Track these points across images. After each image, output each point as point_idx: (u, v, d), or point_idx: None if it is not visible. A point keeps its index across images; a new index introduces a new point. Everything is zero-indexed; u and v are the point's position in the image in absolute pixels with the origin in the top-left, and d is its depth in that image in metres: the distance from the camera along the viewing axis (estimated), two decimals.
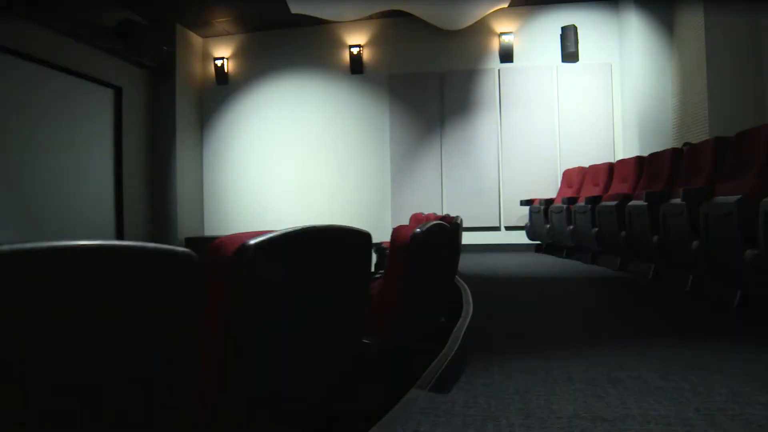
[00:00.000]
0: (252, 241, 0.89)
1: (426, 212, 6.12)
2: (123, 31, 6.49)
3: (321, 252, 1.10)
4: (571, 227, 5.54)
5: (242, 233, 0.96)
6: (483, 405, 1.51)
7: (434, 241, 1.89)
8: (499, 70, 7.32)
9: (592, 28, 7.15)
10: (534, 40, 7.31)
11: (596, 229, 4.93)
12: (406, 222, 6.15)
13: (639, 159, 5.22)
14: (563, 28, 7.11)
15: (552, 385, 1.68)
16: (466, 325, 2.53)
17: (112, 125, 6.65)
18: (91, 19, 6.12)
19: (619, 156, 6.81)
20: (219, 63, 7.95)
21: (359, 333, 1.37)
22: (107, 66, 6.55)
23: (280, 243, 0.95)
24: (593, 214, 5.00)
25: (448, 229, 2.28)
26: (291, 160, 7.81)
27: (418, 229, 1.67)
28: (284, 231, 0.97)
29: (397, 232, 1.69)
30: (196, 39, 7.95)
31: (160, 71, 7.35)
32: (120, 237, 6.67)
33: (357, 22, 7.58)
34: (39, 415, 0.56)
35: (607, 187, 5.71)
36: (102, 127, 6.47)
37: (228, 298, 0.89)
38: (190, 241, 7.21)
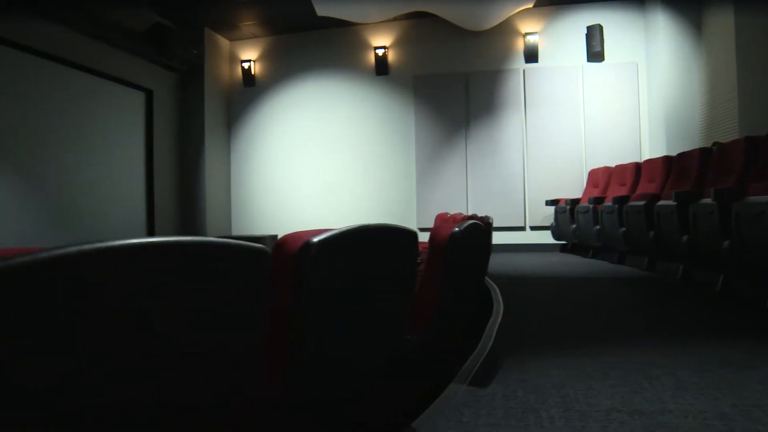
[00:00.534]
0: (315, 239, 0.96)
1: (451, 212, 6.15)
2: (154, 36, 6.64)
3: (373, 249, 1.17)
4: (598, 227, 5.54)
5: (303, 231, 1.03)
6: (522, 398, 1.56)
7: (470, 240, 1.95)
8: (524, 71, 7.32)
9: (617, 27, 7.11)
10: (559, 40, 7.30)
11: (623, 229, 4.92)
12: (431, 223, 6.20)
13: (666, 159, 5.20)
14: (589, 28, 7.09)
15: (587, 380, 1.72)
16: (498, 322, 2.58)
17: (144, 127, 6.82)
18: (124, 25, 6.29)
19: (646, 156, 6.77)
20: (246, 65, 8.09)
21: (404, 328, 1.43)
22: (139, 70, 6.72)
23: (338, 241, 1.01)
24: (620, 214, 4.99)
25: (483, 228, 2.33)
26: (316, 161, 7.90)
27: (456, 229, 1.73)
28: (342, 229, 1.03)
29: (435, 231, 1.75)
30: (223, 42, 8.09)
31: (189, 74, 7.51)
32: (151, 234, 6.79)
33: (382, 24, 7.65)
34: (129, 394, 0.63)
35: (634, 187, 5.69)
36: (134, 129, 6.64)
37: (293, 290, 0.96)
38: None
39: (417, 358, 1.68)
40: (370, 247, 1.15)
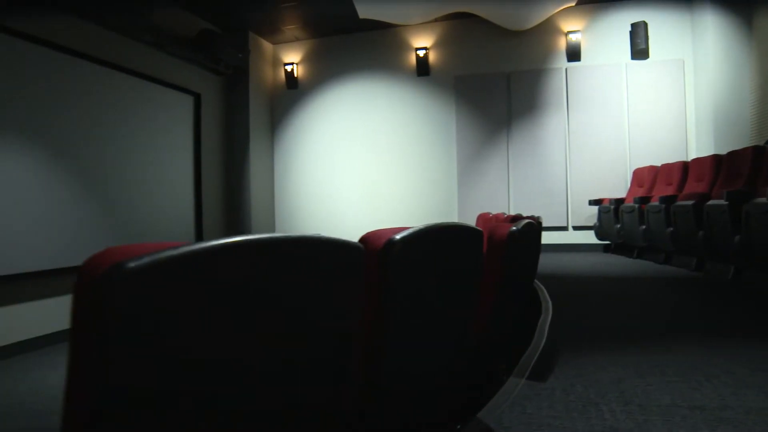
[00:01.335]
0: (398, 236, 1.04)
1: (493, 212, 6.16)
2: (202, 41, 6.86)
3: (446, 247, 1.24)
4: (644, 227, 5.48)
5: (384, 229, 1.11)
6: (581, 392, 1.60)
7: (526, 239, 2.00)
8: (566, 69, 7.27)
9: (662, 24, 6.99)
10: (602, 38, 7.22)
11: (671, 229, 4.86)
12: (472, 223, 6.22)
13: (716, 157, 5.11)
14: (633, 25, 6.99)
15: (644, 376, 1.75)
16: (548, 320, 2.62)
17: (192, 130, 7.04)
18: (174, 31, 6.52)
19: (692, 155, 6.64)
20: (289, 68, 8.26)
21: (470, 325, 1.50)
22: (188, 74, 6.95)
23: (418, 238, 1.09)
24: (668, 213, 4.93)
25: (536, 228, 2.37)
26: (358, 162, 8.01)
27: (514, 228, 1.78)
28: (421, 227, 1.10)
29: (493, 230, 1.80)
30: (267, 46, 8.28)
31: (235, 77, 7.71)
32: (199, 236, 7.05)
33: (423, 25, 7.71)
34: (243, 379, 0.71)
35: (681, 187, 5.60)
36: (183, 132, 6.87)
37: (376, 285, 1.03)
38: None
39: (475, 355, 1.75)
40: (443, 244, 1.22)
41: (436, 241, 1.19)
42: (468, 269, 1.41)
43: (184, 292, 0.59)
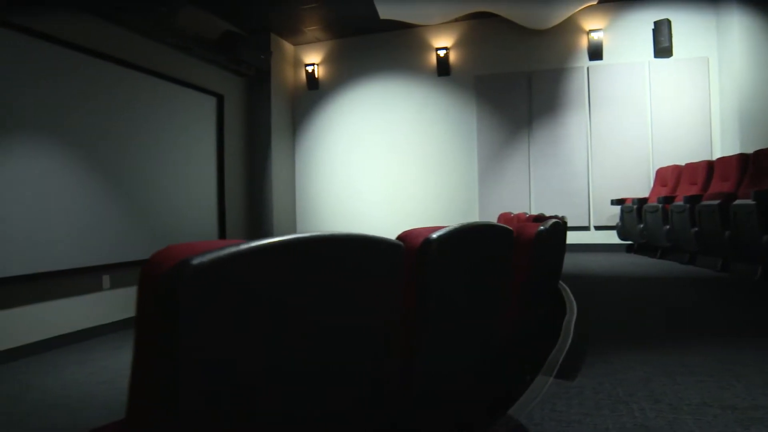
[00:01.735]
0: (434, 235, 1.06)
1: (514, 212, 6.15)
2: (225, 43, 6.95)
3: (479, 246, 1.26)
4: (668, 227, 5.42)
5: (419, 228, 1.13)
6: (610, 391, 1.61)
7: (552, 239, 2.01)
8: (588, 68, 7.22)
9: (686, 21, 6.91)
10: (624, 37, 7.16)
11: (696, 229, 4.81)
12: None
13: (742, 156, 5.04)
14: (656, 23, 6.92)
15: (672, 376, 1.75)
16: (573, 320, 2.62)
17: (215, 130, 7.14)
18: (198, 33, 6.61)
19: (717, 154, 6.55)
20: (310, 69, 8.32)
21: (500, 321, 1.51)
22: (211, 75, 7.05)
23: (453, 237, 1.11)
24: (692, 213, 4.88)
25: (562, 228, 2.38)
26: (379, 162, 8.04)
27: (541, 227, 1.79)
28: (456, 226, 1.13)
29: (520, 229, 1.82)
30: (288, 47, 8.36)
31: (256, 78, 7.80)
32: (222, 234, 7.14)
33: (443, 25, 7.72)
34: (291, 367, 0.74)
35: (705, 186, 5.54)
36: (207, 133, 6.97)
37: (413, 283, 1.06)
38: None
39: (502, 354, 1.76)
40: (476, 243, 1.24)
41: (470, 240, 1.21)
42: (498, 268, 1.43)
43: (244, 285, 0.62)
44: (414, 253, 1.05)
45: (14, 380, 3.82)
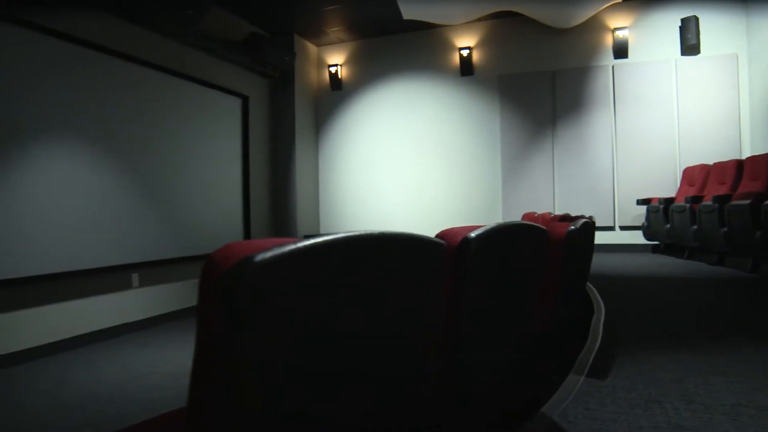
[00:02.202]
0: (473, 234, 1.08)
1: (538, 212, 6.12)
2: (250, 45, 7.04)
3: (514, 245, 1.27)
4: (695, 227, 5.35)
5: (457, 227, 1.15)
6: (642, 390, 1.61)
7: (582, 238, 2.01)
8: (612, 67, 7.15)
9: (714, 18, 6.80)
10: (650, 34, 7.07)
11: (725, 229, 4.74)
12: None
13: None
14: (683, 20, 6.82)
15: (705, 376, 1.74)
16: (602, 320, 2.61)
17: (240, 131, 7.23)
18: (223, 36, 6.71)
19: (746, 153, 6.44)
20: (333, 70, 8.38)
21: (532, 322, 1.53)
22: (237, 77, 7.15)
23: (490, 236, 1.13)
24: (721, 213, 4.81)
25: (591, 227, 2.37)
26: (401, 162, 8.07)
27: (572, 227, 1.80)
28: (493, 225, 1.14)
29: (550, 228, 1.82)
30: (311, 48, 8.42)
31: (280, 80, 7.88)
32: (247, 233, 7.23)
33: (466, 25, 7.71)
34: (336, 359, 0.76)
35: (735, 186, 5.46)
36: (232, 133, 7.06)
37: (453, 281, 1.08)
38: (308, 237, 7.66)
39: (533, 353, 1.77)
40: (512, 243, 1.26)
41: (506, 240, 1.23)
42: (532, 268, 1.45)
43: (302, 281, 0.65)
44: (452, 252, 1.08)
45: (50, 375, 3.93)
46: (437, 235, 1.12)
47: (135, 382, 3.76)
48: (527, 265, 1.41)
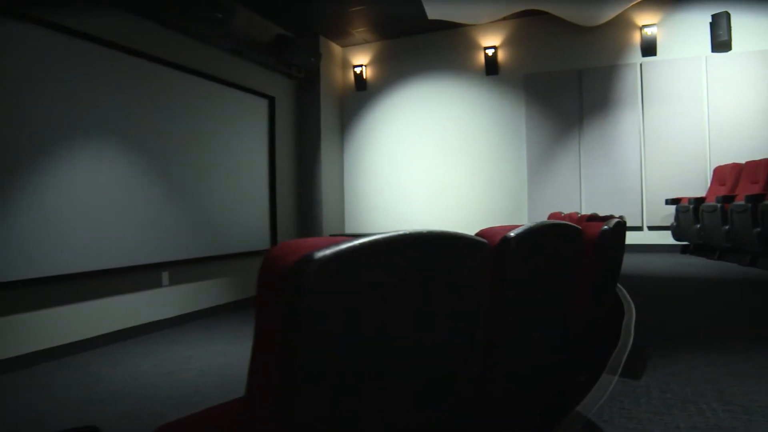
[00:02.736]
0: (512, 234, 1.10)
1: (565, 212, 6.08)
2: (277, 47, 7.11)
3: (552, 244, 1.29)
4: (727, 227, 5.26)
5: (496, 227, 1.17)
6: (678, 391, 1.61)
7: (615, 239, 2.00)
8: (640, 65, 7.06)
9: (747, 13, 6.66)
10: (680, 31, 6.96)
11: (758, 229, 4.66)
12: None
13: None
14: (714, 16, 6.70)
15: (742, 377, 1.73)
16: (633, 320, 2.60)
17: (267, 132, 7.32)
18: (251, 38, 6.80)
19: None
20: (358, 70, 8.42)
21: (569, 321, 1.53)
22: (263, 78, 7.24)
23: (528, 235, 1.14)
24: (754, 213, 4.73)
25: (623, 227, 2.36)
26: (426, 162, 8.07)
27: (605, 227, 1.80)
28: (531, 225, 1.16)
29: (585, 227, 1.83)
30: (336, 49, 8.48)
31: (306, 81, 7.95)
32: (273, 232, 7.31)
33: (491, 24, 7.68)
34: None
35: None
36: (259, 134, 7.15)
37: (495, 278, 1.10)
38: (334, 237, 7.72)
39: (570, 352, 1.77)
40: (549, 242, 1.27)
41: (544, 239, 1.24)
42: (567, 268, 1.45)
43: (357, 277, 0.68)
44: (493, 250, 1.09)
45: (86, 371, 4.04)
46: (479, 233, 1.14)
47: (167, 378, 3.84)
48: (563, 264, 1.42)
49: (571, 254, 1.44)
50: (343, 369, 0.70)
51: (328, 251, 0.64)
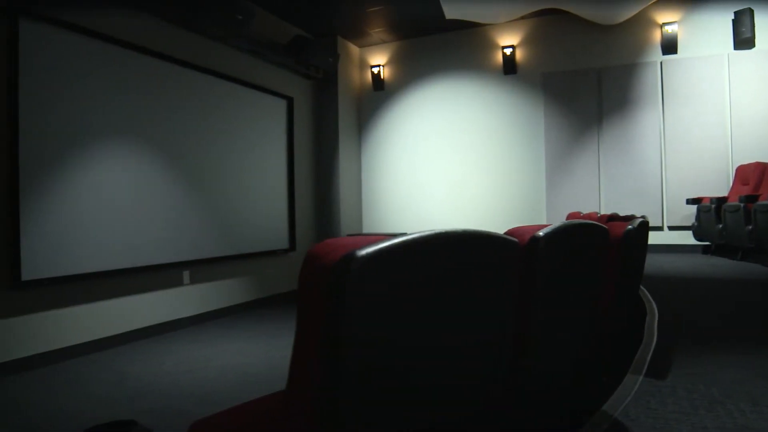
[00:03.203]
0: (542, 233, 1.11)
1: (584, 212, 6.05)
2: (295, 47, 7.16)
3: (578, 244, 1.29)
4: (750, 227, 5.20)
5: (524, 226, 1.18)
6: (704, 391, 1.60)
7: (638, 239, 2.00)
8: (661, 63, 6.99)
9: None
10: (701, 29, 6.88)
11: None
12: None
13: None
14: (736, 13, 6.61)
15: None
16: (656, 320, 2.58)
17: (285, 132, 7.37)
18: (270, 39, 6.86)
19: None
20: (375, 70, 8.44)
21: (594, 320, 1.54)
22: (281, 79, 7.29)
23: (558, 234, 1.15)
24: None
25: (647, 227, 2.36)
26: (444, 161, 8.07)
27: (630, 226, 1.80)
28: (559, 225, 1.17)
29: (609, 227, 1.82)
30: (354, 49, 8.51)
31: (324, 81, 7.99)
32: (292, 233, 7.36)
33: (509, 23, 7.66)
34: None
35: None
36: (278, 134, 7.21)
37: (525, 276, 1.11)
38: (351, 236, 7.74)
39: (595, 351, 1.78)
40: (576, 242, 1.28)
41: (571, 238, 1.25)
42: (593, 267, 1.46)
43: (396, 273, 0.70)
44: (523, 249, 1.10)
45: (111, 368, 4.11)
46: (508, 232, 1.16)
47: (189, 376, 3.89)
48: (589, 264, 1.42)
49: (596, 254, 1.45)
50: (382, 364, 0.71)
51: (369, 249, 0.66)
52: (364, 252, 0.65)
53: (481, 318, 0.91)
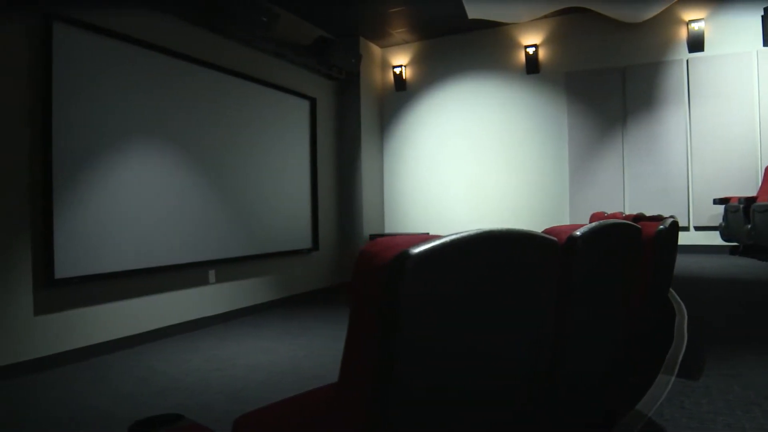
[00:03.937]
0: (578, 233, 1.12)
1: (608, 212, 5.99)
2: (318, 48, 7.22)
3: (614, 244, 1.30)
4: None
5: (560, 226, 1.19)
6: (740, 392, 1.60)
7: (669, 238, 1.99)
8: (687, 61, 6.90)
9: None
10: (729, 26, 6.77)
11: None
12: (584, 222, 6.06)
13: None
14: (766, 9, 6.49)
15: None
16: (685, 321, 2.57)
17: (309, 132, 7.43)
18: (293, 40, 6.93)
19: None
20: (397, 71, 8.47)
21: (627, 319, 1.54)
22: (304, 80, 7.36)
23: (594, 234, 1.16)
24: None
25: (677, 227, 2.34)
26: (466, 161, 8.06)
27: (661, 226, 1.79)
28: (595, 224, 1.18)
29: (642, 226, 1.82)
30: (376, 50, 8.54)
31: (346, 82, 8.04)
32: (315, 231, 7.42)
33: (532, 22, 7.62)
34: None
35: None
36: (301, 135, 7.27)
37: (562, 276, 1.12)
38: (373, 237, 7.78)
39: (627, 352, 1.78)
40: (611, 242, 1.29)
41: (607, 238, 1.26)
42: (627, 267, 1.46)
43: (447, 271, 0.72)
44: (561, 246, 1.11)
45: (141, 364, 4.20)
46: (546, 231, 1.17)
47: (216, 374, 3.95)
48: (623, 264, 1.43)
49: (629, 254, 1.45)
50: (431, 362, 0.73)
51: (423, 248, 0.68)
52: (417, 250, 0.67)
53: (522, 317, 0.93)
